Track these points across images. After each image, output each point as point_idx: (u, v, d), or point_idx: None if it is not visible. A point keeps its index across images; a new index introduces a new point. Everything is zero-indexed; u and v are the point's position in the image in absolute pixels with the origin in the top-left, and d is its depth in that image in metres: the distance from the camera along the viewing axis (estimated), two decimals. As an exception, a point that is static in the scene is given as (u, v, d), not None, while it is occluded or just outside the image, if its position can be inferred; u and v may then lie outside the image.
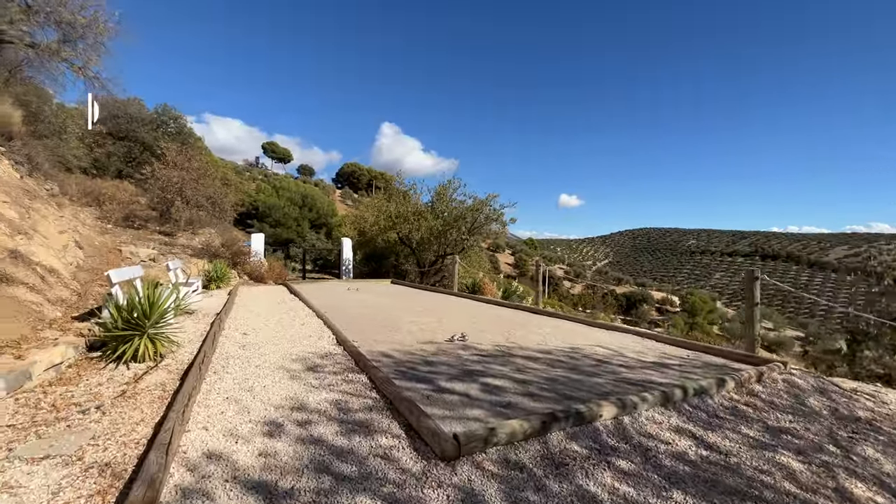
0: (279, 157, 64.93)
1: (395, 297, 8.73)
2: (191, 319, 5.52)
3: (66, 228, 7.61)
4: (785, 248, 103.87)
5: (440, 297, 8.91)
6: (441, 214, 12.78)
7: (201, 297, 7.69)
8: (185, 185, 13.21)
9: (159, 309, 3.68)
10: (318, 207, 33.38)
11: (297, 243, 31.07)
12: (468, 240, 12.79)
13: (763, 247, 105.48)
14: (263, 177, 52.38)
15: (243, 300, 7.61)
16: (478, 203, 12.22)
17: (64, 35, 8.07)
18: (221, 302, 7.21)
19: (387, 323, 5.61)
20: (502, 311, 7.01)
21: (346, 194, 64.10)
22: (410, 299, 8.45)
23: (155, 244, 11.50)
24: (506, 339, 4.73)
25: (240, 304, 7.06)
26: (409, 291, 10.16)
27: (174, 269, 6.89)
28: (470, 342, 4.54)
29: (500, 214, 12.25)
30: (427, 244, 13.01)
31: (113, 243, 10.56)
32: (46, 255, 5.86)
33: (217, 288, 9.67)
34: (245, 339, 4.47)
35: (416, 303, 7.86)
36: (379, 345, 4.32)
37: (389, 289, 10.69)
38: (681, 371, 3.65)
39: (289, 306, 6.92)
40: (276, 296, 8.58)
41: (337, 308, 6.82)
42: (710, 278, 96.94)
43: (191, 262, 10.84)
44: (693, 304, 57.45)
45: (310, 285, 11.34)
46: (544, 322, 5.99)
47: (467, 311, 6.84)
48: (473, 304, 7.91)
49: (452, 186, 12.74)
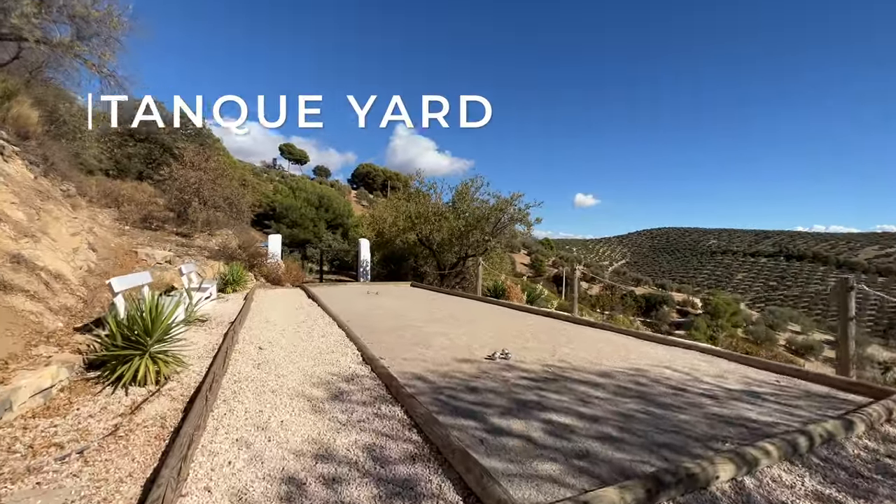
0: (296, 158, 65.42)
1: (417, 302, 8.20)
2: (203, 330, 5.08)
3: (79, 230, 7.31)
4: (811, 248, 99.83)
5: (465, 303, 8.34)
6: (463, 215, 12.19)
7: (216, 303, 7.30)
8: (203, 185, 12.97)
9: (163, 324, 3.21)
10: (334, 208, 33.25)
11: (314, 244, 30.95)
12: (491, 241, 12.18)
13: (788, 247, 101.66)
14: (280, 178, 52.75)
15: (259, 306, 7.18)
16: (501, 202, 11.60)
17: (78, 31, 7.80)
18: (237, 308, 6.79)
19: (415, 335, 5.06)
20: (536, 319, 6.39)
21: (362, 195, 64.15)
22: (434, 305, 7.91)
23: (172, 246, 11.25)
24: (553, 357, 4.12)
25: (255, 310, 6.63)
26: (431, 295, 9.61)
27: (187, 273, 6.49)
28: (513, 360, 3.95)
29: (524, 214, 11.62)
30: (448, 246, 12.46)
31: (129, 245, 10.33)
32: (53, 259, 5.50)
33: (233, 291, 9.30)
34: (260, 354, 3.98)
35: (442, 309, 7.30)
36: (410, 364, 3.77)
37: (410, 292, 10.17)
38: (780, 403, 2.99)
39: (307, 313, 6.45)
40: (294, 300, 8.14)
41: (358, 315, 6.31)
42: (731, 279, 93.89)
43: (207, 264, 10.54)
44: (716, 307, 55.54)
45: (327, 288, 10.91)
46: (588, 334, 5.35)
47: (498, 320, 6.25)
48: (503, 310, 7.31)
49: (475, 185, 12.18)
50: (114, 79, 9.35)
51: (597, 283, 65.17)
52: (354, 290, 10.42)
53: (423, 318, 6.21)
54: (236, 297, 8.46)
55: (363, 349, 4.06)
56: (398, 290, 10.72)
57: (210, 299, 6.47)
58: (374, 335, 4.94)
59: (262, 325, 5.36)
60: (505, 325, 5.75)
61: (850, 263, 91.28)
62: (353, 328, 5.11)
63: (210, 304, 6.60)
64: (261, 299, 8.16)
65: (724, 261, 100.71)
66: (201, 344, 4.31)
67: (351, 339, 4.47)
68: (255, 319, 5.77)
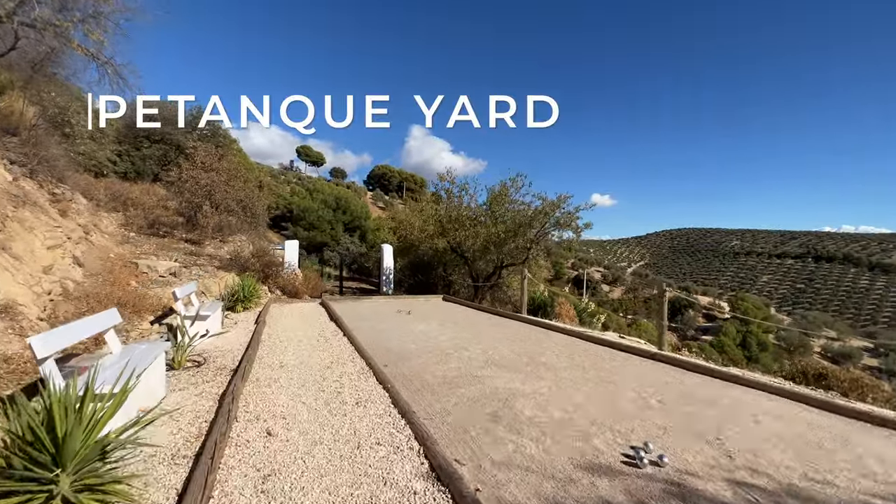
0: (312, 160, 64.88)
1: (460, 327, 6.69)
2: (192, 384, 3.66)
3: (60, 242, 6.04)
4: (841, 249, 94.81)
5: (517, 329, 6.80)
6: (502, 219, 10.63)
7: (219, 330, 5.93)
8: (215, 187, 11.75)
9: (91, 437, 1.76)
10: (351, 210, 32.08)
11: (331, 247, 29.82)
12: (532, 248, 10.60)
13: (816, 248, 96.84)
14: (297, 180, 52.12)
15: (273, 335, 5.77)
16: (547, 205, 9.99)
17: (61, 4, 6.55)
18: (244, 339, 5.40)
19: (483, 394, 3.54)
20: (636, 365, 4.81)
21: (378, 196, 63.19)
22: (483, 332, 6.39)
23: (179, 255, 10.01)
24: (731, 460, 2.54)
25: (268, 344, 5.20)
26: (473, 316, 8.10)
27: (183, 298, 5.11)
28: (671, 467, 2.40)
29: (574, 219, 10.00)
30: (481, 254, 10.91)
31: (132, 255, 9.10)
32: (9, 282, 4.18)
33: (244, 310, 7.96)
34: (267, 448, 2.52)
35: (495, 339, 5.78)
36: (508, 475, 2.26)
37: (446, 311, 8.67)
38: None
39: (332, 351, 4.99)
40: (314, 324, 6.72)
41: (397, 355, 4.84)
42: (756, 281, 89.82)
43: (216, 275, 9.24)
44: (745, 311, 52.54)
45: (351, 305, 9.50)
46: (744, 400, 3.74)
47: (584, 361, 4.70)
48: (575, 343, 5.73)
49: (515, 186, 10.58)
50: (111, 66, 8.12)
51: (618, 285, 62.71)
52: (381, 308, 8.98)
53: (480, 358, 4.69)
54: (247, 319, 7.10)
55: (425, 441, 2.56)
56: (431, 306, 9.24)
57: (209, 335, 5.07)
58: (426, 396, 3.45)
59: (274, 377, 3.92)
60: (604, 377, 4.18)
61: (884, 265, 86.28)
62: (396, 383, 3.63)
63: (210, 336, 5.21)
64: (275, 323, 6.77)
65: (748, 262, 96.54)
66: (185, 421, 2.87)
67: (402, 416, 2.97)
68: (265, 363, 4.34)
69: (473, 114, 6.89)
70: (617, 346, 5.42)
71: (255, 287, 8.40)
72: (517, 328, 6.76)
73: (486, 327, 6.80)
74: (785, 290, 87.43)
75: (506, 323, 7.25)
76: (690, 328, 50.68)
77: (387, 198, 62.53)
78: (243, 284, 7.96)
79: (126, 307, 5.66)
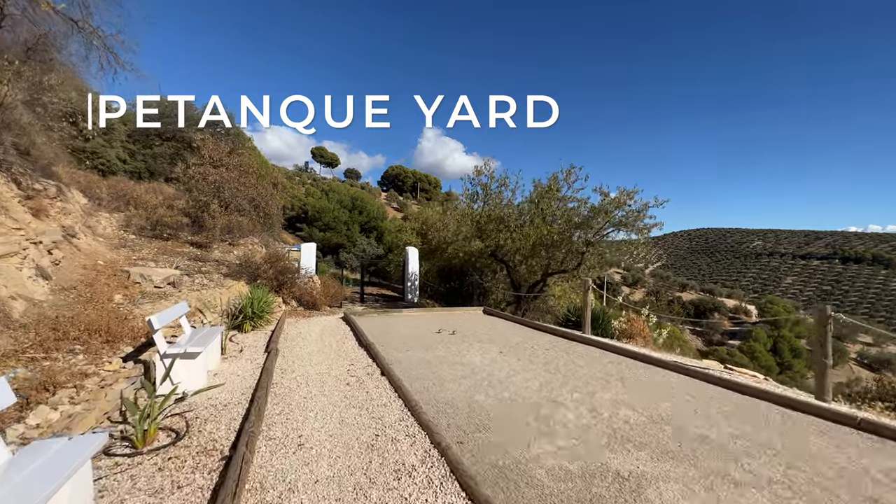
0: (327, 161, 64.12)
1: (532, 360, 5.09)
2: (162, 473, 2.15)
3: (17, 249, 4.65)
4: (869, 249, 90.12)
5: (604, 359, 5.18)
6: (553, 218, 8.95)
7: (218, 362, 4.45)
8: (225, 184, 10.40)
9: None
10: (368, 210, 30.71)
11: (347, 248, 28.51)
12: (587, 252, 8.92)
13: (843, 248, 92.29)
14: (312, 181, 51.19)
15: (287, 375, 4.26)
16: (609, 202, 8.29)
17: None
18: (249, 379, 3.90)
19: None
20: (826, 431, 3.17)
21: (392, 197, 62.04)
22: (563, 366, 4.79)
23: (183, 260, 8.62)
24: None
25: (280, 392, 3.68)
26: (531, 337, 6.49)
27: (162, 329, 3.62)
28: None
29: (640, 217, 8.28)
30: (527, 259, 9.26)
31: (127, 261, 7.75)
32: None
33: (253, 328, 6.51)
34: None
35: (591, 382, 4.18)
36: None
37: (494, 329, 7.08)
38: None
39: (373, 408, 3.44)
40: (340, 353, 5.20)
41: (473, 424, 3.26)
42: (779, 283, 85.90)
43: (223, 284, 7.81)
44: (775, 314, 49.68)
45: (379, 321, 7.97)
46: None
47: (750, 429, 3.08)
48: (702, 387, 4.09)
49: (568, 180, 8.87)
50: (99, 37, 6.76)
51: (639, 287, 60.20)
52: (416, 325, 7.43)
53: (596, 427, 3.10)
54: (256, 343, 5.63)
55: None
56: (472, 321, 7.66)
57: (192, 392, 3.56)
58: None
59: (291, 480, 2.38)
60: (765, 451, 2.55)
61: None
62: (481, 483, 2.08)
63: (200, 379, 3.72)
64: (290, 350, 5.27)
65: (771, 263, 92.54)
66: None
67: None
68: (275, 439, 2.80)
69: (473, 114, 6.80)
70: (772, 397, 3.74)
71: (268, 300, 6.94)
72: (601, 359, 5.13)
73: (560, 357, 5.19)
74: (810, 292, 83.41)
75: (580, 350, 5.63)
76: (717, 332, 48.01)
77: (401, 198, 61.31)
78: (252, 298, 6.50)
79: (95, 335, 4.22)
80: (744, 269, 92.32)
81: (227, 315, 6.49)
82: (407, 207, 48.81)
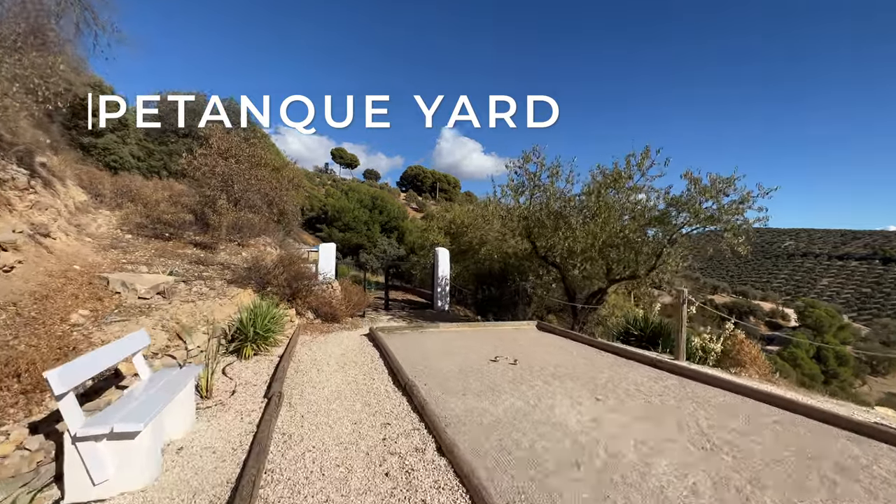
0: (347, 162, 63.54)
1: (642, 415, 3.39)
2: None
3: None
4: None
5: (740, 408, 3.45)
6: (623, 210, 7.15)
7: (186, 433, 2.90)
8: (234, 176, 9.07)
9: None
10: (388, 209, 29.33)
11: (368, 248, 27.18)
12: (663, 254, 7.11)
13: (884, 248, 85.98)
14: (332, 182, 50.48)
15: (289, 446, 2.69)
16: (699, 190, 6.41)
17: None
18: (226, 467, 2.34)
19: None
20: None
21: (411, 197, 60.92)
22: (693, 424, 3.09)
23: (182, 263, 7.23)
24: None
25: (270, 501, 2.10)
26: (617, 368, 4.78)
27: (70, 392, 2.08)
28: None
29: (740, 210, 6.41)
30: (586, 262, 7.48)
31: (115, 264, 6.40)
32: None
33: (255, 353, 5.00)
34: None
35: (744, 458, 2.46)
36: None
37: (563, 354, 5.38)
38: None
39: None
40: (370, 401, 3.61)
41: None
42: (814, 285, 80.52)
43: (225, 293, 6.35)
44: (817, 319, 45.93)
45: (415, 343, 6.38)
46: None
47: None
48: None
49: (641, 166, 7.05)
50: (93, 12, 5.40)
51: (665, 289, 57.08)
52: (461, 347, 5.80)
53: None
54: (256, 379, 4.10)
55: None
56: (529, 342, 5.99)
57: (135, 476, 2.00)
58: None
59: None
60: None
61: (967, 268, 75.22)
62: None
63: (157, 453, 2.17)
64: (300, 396, 3.71)
65: (805, 264, 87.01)
66: None
67: None
68: None
69: (473, 114, 6.71)
70: None
71: (277, 315, 5.44)
72: (757, 416, 3.38)
73: (692, 410, 3.46)
74: (848, 295, 77.92)
75: (706, 395, 3.88)
76: (754, 338, 44.65)
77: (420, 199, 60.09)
78: (257, 314, 5.00)
79: (11, 378, 2.76)
80: (775, 270, 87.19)
81: (225, 336, 5.02)
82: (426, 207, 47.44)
